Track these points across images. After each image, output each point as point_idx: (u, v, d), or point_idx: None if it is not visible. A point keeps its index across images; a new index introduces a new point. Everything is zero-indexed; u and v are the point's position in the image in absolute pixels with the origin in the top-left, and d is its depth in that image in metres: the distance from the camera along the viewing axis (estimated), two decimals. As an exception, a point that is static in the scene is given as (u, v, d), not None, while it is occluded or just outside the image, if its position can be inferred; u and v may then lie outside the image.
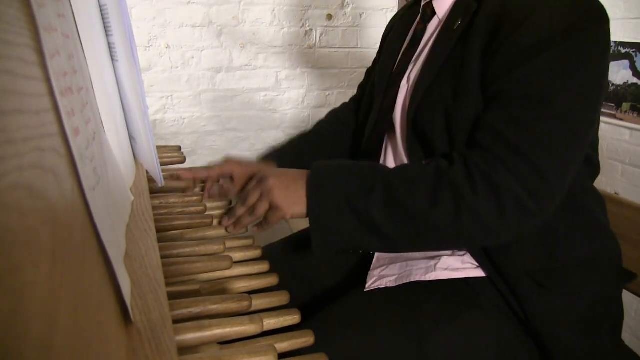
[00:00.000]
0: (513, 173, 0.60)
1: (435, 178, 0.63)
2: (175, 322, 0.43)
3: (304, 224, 0.89)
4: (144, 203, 0.58)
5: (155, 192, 0.77)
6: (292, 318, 0.54)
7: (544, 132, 0.61)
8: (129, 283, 0.39)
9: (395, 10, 1.85)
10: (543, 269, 0.69)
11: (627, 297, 0.80)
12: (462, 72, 0.67)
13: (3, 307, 0.17)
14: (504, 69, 0.63)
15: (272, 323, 0.52)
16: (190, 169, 0.80)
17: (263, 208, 0.69)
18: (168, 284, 0.50)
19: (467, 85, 0.66)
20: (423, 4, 0.79)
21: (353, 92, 1.90)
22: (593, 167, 0.75)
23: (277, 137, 1.81)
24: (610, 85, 1.59)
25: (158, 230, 0.61)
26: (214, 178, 0.80)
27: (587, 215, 0.72)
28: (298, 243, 0.93)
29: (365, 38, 1.81)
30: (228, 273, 0.61)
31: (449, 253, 0.74)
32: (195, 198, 0.75)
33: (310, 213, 0.65)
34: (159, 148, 0.89)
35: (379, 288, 0.73)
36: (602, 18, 0.63)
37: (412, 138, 0.74)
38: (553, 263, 0.70)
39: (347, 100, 1.14)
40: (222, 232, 0.71)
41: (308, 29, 1.75)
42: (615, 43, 1.57)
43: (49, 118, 0.26)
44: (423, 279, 0.71)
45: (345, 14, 1.78)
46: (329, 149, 0.97)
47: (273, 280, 0.62)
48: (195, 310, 0.47)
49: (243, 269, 0.63)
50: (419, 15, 0.81)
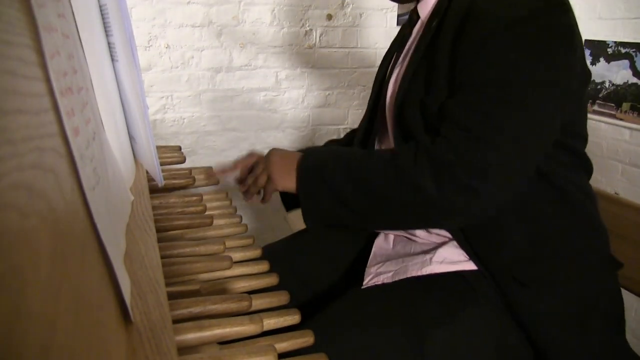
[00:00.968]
0: (456, 151, 0.63)
1: (389, 160, 0.69)
2: (175, 322, 0.43)
3: (304, 225, 0.89)
4: (144, 203, 0.58)
5: (155, 192, 0.77)
6: (292, 318, 0.54)
7: (493, 112, 0.63)
8: (129, 283, 0.39)
9: (396, 11, 1.85)
10: (527, 264, 0.70)
11: (627, 297, 0.80)
12: (433, 67, 0.70)
13: (3, 307, 0.17)
14: (465, 61, 0.66)
15: (272, 323, 0.52)
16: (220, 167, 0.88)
17: (263, 179, 0.79)
18: (168, 284, 0.50)
19: (437, 80, 0.69)
20: (410, 10, 0.82)
21: (353, 91, 1.90)
22: (582, 160, 0.75)
23: (277, 137, 1.81)
24: (610, 85, 1.59)
25: (158, 230, 0.61)
26: (245, 171, 0.87)
27: (574, 208, 0.72)
28: (298, 243, 0.93)
29: (365, 38, 1.81)
30: (228, 273, 0.61)
31: (441, 241, 0.75)
32: (195, 198, 0.75)
33: (299, 188, 0.74)
34: (159, 148, 0.89)
35: (377, 285, 0.74)
36: (561, 5, 0.64)
37: (398, 135, 0.76)
38: (538, 257, 0.70)
39: (347, 100, 1.16)
40: (222, 232, 0.71)
41: (308, 29, 1.75)
42: (615, 43, 1.57)
43: (49, 118, 0.26)
44: (419, 274, 0.72)
45: (345, 14, 1.78)
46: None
47: (273, 280, 0.62)
48: (195, 310, 0.47)
49: (243, 269, 0.63)
50: (408, 20, 0.85)
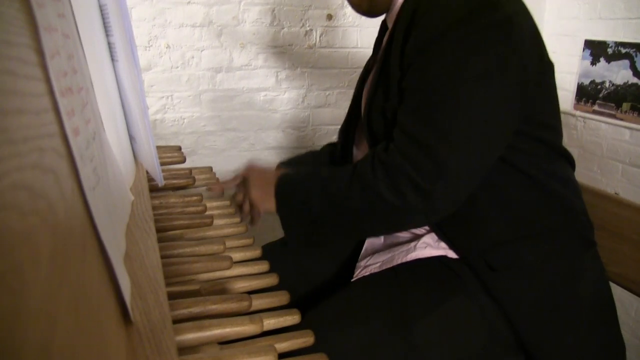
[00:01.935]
0: (405, 157, 0.65)
1: (350, 172, 0.71)
2: (175, 322, 0.43)
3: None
4: (144, 203, 0.58)
5: (156, 192, 0.77)
6: (292, 318, 0.54)
7: (434, 117, 0.64)
8: (129, 283, 0.39)
9: (395, 10, 1.85)
10: (498, 250, 0.71)
11: (627, 296, 0.80)
12: (390, 76, 0.72)
13: (3, 307, 0.17)
14: (407, 67, 0.68)
15: (272, 323, 0.52)
16: (220, 182, 0.89)
17: (247, 206, 0.82)
18: (168, 284, 0.50)
19: (393, 87, 0.71)
20: (382, 21, 0.85)
21: (353, 91, 1.90)
22: (553, 149, 0.75)
23: (277, 137, 1.81)
24: (610, 85, 1.59)
25: (158, 230, 0.61)
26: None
27: (544, 193, 0.73)
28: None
29: (365, 38, 1.81)
30: (228, 273, 0.61)
31: (424, 232, 0.78)
32: (195, 198, 0.75)
33: (278, 210, 0.77)
34: (159, 148, 0.89)
35: (368, 278, 0.77)
36: (497, 4, 0.64)
37: (370, 143, 0.79)
38: (508, 242, 0.71)
39: (347, 100, 1.19)
40: (222, 232, 0.71)
41: (308, 29, 1.75)
42: (615, 43, 1.57)
43: (49, 118, 0.26)
44: (405, 260, 0.75)
45: (345, 14, 1.78)
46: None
47: (273, 280, 0.62)
48: (195, 310, 0.47)
49: (243, 269, 0.63)
50: (380, 27, 0.88)
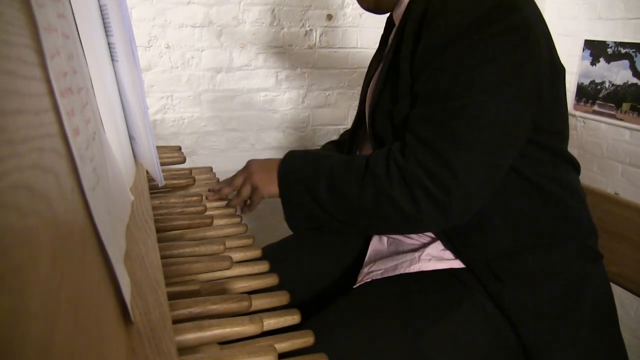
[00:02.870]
0: (422, 166, 0.64)
1: (364, 169, 0.69)
2: (175, 322, 0.43)
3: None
4: (144, 203, 0.58)
5: (155, 192, 0.77)
6: (292, 318, 0.54)
7: (452, 125, 0.62)
8: (129, 283, 0.39)
9: (395, 11, 1.85)
10: (505, 261, 0.70)
11: (627, 297, 0.80)
12: (398, 76, 0.70)
13: (3, 307, 0.17)
14: (422, 71, 0.66)
15: (272, 323, 0.52)
16: (216, 189, 0.85)
17: (246, 190, 0.79)
18: (168, 284, 0.50)
19: (402, 89, 0.69)
20: (387, 18, 0.84)
21: (353, 92, 1.90)
22: (559, 155, 0.74)
23: (277, 137, 1.81)
24: (611, 85, 1.59)
25: (158, 230, 0.61)
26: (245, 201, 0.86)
27: (550, 201, 0.72)
28: (298, 243, 0.94)
29: (365, 38, 1.81)
30: (228, 273, 0.61)
31: (429, 240, 0.77)
32: (195, 198, 0.75)
33: (281, 193, 0.75)
34: (159, 148, 0.89)
35: (372, 284, 0.75)
36: (514, 6, 0.63)
37: (373, 145, 0.78)
38: (516, 253, 0.70)
39: (347, 100, 1.19)
40: (222, 232, 0.71)
41: (308, 29, 1.75)
42: (615, 43, 1.57)
43: (49, 118, 0.26)
44: (408, 271, 0.74)
45: (345, 14, 1.78)
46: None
47: (273, 280, 0.62)
48: (195, 310, 0.47)
49: (243, 269, 0.63)
50: (385, 25, 0.87)
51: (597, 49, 1.63)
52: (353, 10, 1.79)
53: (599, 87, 1.63)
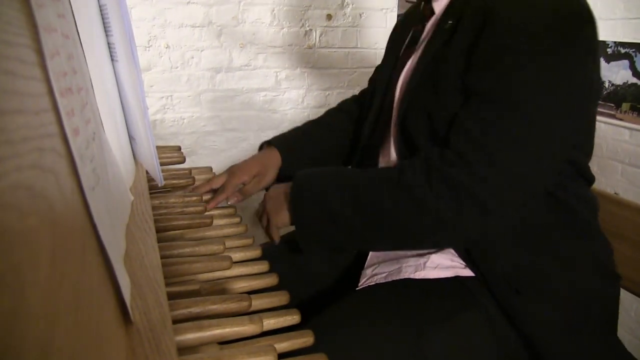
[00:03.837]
0: (473, 171, 0.60)
1: (397, 178, 0.65)
2: (175, 322, 0.43)
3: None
4: (144, 203, 0.58)
5: (155, 192, 0.77)
6: (292, 318, 0.54)
7: (510, 132, 0.60)
8: (129, 283, 0.39)
9: (395, 11, 1.85)
10: (524, 273, 0.68)
11: (627, 297, 0.80)
12: (445, 71, 0.66)
13: (3, 307, 0.17)
14: (481, 68, 0.63)
15: (272, 323, 0.52)
16: (209, 182, 0.85)
17: (264, 221, 0.78)
18: (168, 284, 0.50)
19: (449, 85, 0.66)
20: (422, 6, 0.79)
21: (353, 92, 1.90)
22: (583, 171, 0.73)
23: (277, 137, 1.81)
24: (610, 85, 1.59)
25: (158, 230, 0.61)
26: (230, 191, 0.85)
27: (571, 218, 0.71)
28: (298, 242, 0.93)
29: (365, 38, 1.81)
30: (228, 273, 0.61)
31: (435, 250, 0.74)
32: (195, 198, 0.75)
33: (294, 219, 0.71)
34: (159, 148, 0.89)
35: (376, 287, 0.73)
36: (587, 19, 0.61)
37: (400, 139, 0.74)
38: (534, 265, 0.69)
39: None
40: (222, 232, 0.71)
41: (308, 29, 1.75)
42: (615, 43, 1.57)
43: (49, 118, 0.26)
44: (412, 277, 0.72)
45: (345, 14, 1.78)
46: (332, 136, 1.00)
47: (273, 280, 0.62)
48: (195, 310, 0.47)
49: (243, 269, 0.63)
50: (419, 19, 0.80)
51: (597, 49, 1.63)
52: (353, 10, 1.79)
53: (599, 87, 1.62)
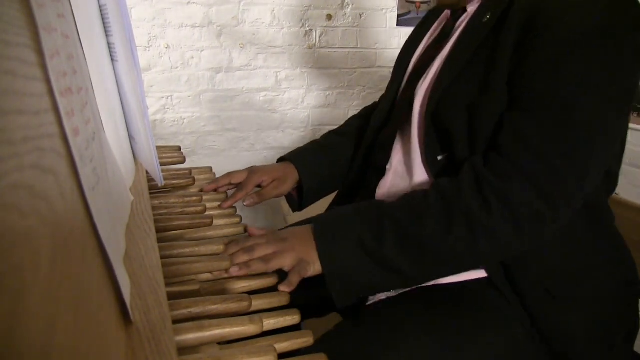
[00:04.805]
0: (531, 180, 0.59)
1: (444, 205, 0.61)
2: (175, 322, 0.43)
3: (299, 217, 0.89)
4: (144, 203, 0.58)
5: (155, 192, 0.77)
6: (292, 318, 0.54)
7: (569, 139, 0.59)
8: (129, 283, 0.39)
9: (395, 11, 1.85)
10: (558, 279, 0.67)
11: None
12: (491, 67, 0.65)
13: (3, 307, 0.17)
14: (534, 70, 0.61)
15: (272, 323, 0.52)
16: (228, 175, 0.84)
17: (276, 264, 0.64)
18: (168, 284, 0.50)
19: (495, 81, 0.64)
20: (442, 3, 0.76)
21: (352, 92, 1.90)
22: (611, 179, 0.73)
23: (277, 137, 1.81)
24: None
25: (158, 230, 0.61)
26: (250, 188, 0.83)
27: (601, 225, 0.71)
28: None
29: (365, 38, 1.81)
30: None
31: None
32: (195, 198, 0.75)
33: (325, 268, 0.63)
34: (159, 148, 0.89)
35: (388, 301, 0.70)
36: (638, 24, 0.60)
37: (430, 133, 0.71)
38: (568, 272, 0.68)
39: (347, 101, 1.13)
40: (222, 232, 0.71)
41: (308, 29, 1.75)
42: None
43: (49, 118, 0.26)
44: (423, 285, 0.69)
45: (345, 14, 1.78)
46: (350, 144, 0.96)
47: (273, 280, 0.62)
48: (195, 310, 0.47)
49: (243, 269, 0.63)
50: (450, 14, 0.78)
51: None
52: (353, 10, 1.79)
53: (599, 87, 1.62)
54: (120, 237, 0.43)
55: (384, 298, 0.71)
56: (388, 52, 1.88)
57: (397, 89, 0.84)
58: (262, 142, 1.79)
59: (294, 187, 0.90)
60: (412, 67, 0.83)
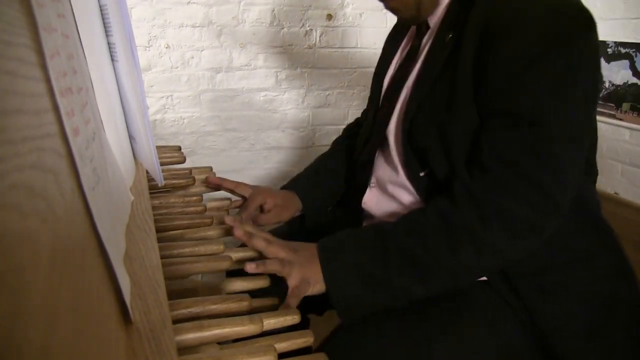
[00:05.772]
0: (521, 196, 0.61)
1: (445, 225, 0.63)
2: (175, 322, 0.43)
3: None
4: (144, 203, 0.58)
5: (155, 192, 0.77)
6: (292, 318, 0.54)
7: (545, 151, 0.61)
8: (129, 283, 0.39)
9: (395, 10, 1.85)
10: (548, 272, 0.69)
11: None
12: (455, 84, 0.66)
13: (3, 307, 0.17)
14: (496, 85, 0.63)
15: (272, 323, 0.52)
16: (237, 184, 0.86)
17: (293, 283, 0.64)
18: (168, 284, 0.50)
19: (460, 98, 0.66)
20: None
21: (352, 92, 1.90)
22: (590, 168, 0.75)
23: (277, 137, 1.81)
24: (610, 85, 1.59)
25: (158, 230, 0.61)
26: (252, 208, 0.84)
27: (583, 213, 0.72)
28: (296, 239, 0.93)
29: (365, 38, 1.81)
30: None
31: None
32: (195, 198, 0.75)
33: (331, 291, 0.63)
34: (159, 148, 0.89)
35: None
36: (589, 25, 0.62)
37: (408, 151, 0.73)
38: (556, 264, 0.69)
39: (347, 100, 1.14)
40: (222, 232, 0.71)
41: (308, 29, 1.75)
42: (615, 43, 1.57)
43: (49, 118, 0.26)
44: None
45: (345, 14, 1.78)
46: (343, 166, 0.97)
47: (265, 283, 0.62)
48: (195, 310, 0.47)
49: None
50: (415, 30, 0.80)
51: (597, 49, 1.63)
52: (353, 10, 1.79)
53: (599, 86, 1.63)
54: (120, 237, 0.43)
55: None
56: (388, 52, 1.88)
57: (376, 106, 0.85)
58: (262, 142, 1.79)
59: (295, 215, 0.90)
60: (386, 85, 0.84)
